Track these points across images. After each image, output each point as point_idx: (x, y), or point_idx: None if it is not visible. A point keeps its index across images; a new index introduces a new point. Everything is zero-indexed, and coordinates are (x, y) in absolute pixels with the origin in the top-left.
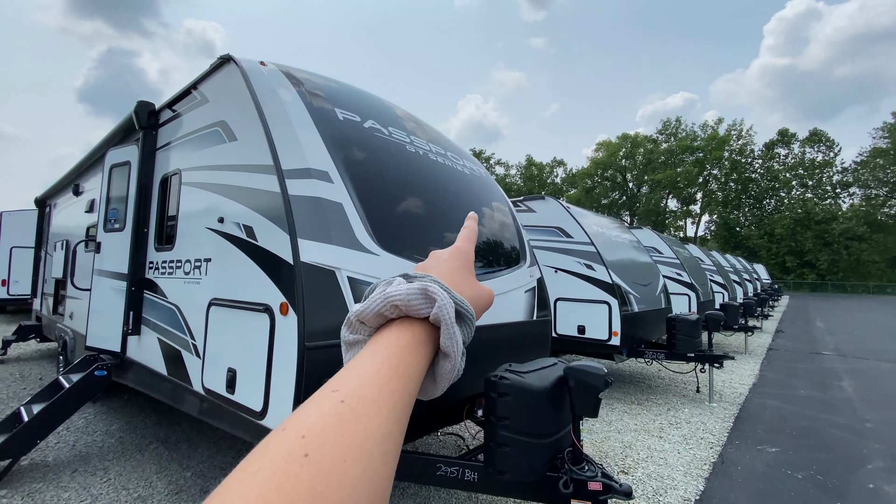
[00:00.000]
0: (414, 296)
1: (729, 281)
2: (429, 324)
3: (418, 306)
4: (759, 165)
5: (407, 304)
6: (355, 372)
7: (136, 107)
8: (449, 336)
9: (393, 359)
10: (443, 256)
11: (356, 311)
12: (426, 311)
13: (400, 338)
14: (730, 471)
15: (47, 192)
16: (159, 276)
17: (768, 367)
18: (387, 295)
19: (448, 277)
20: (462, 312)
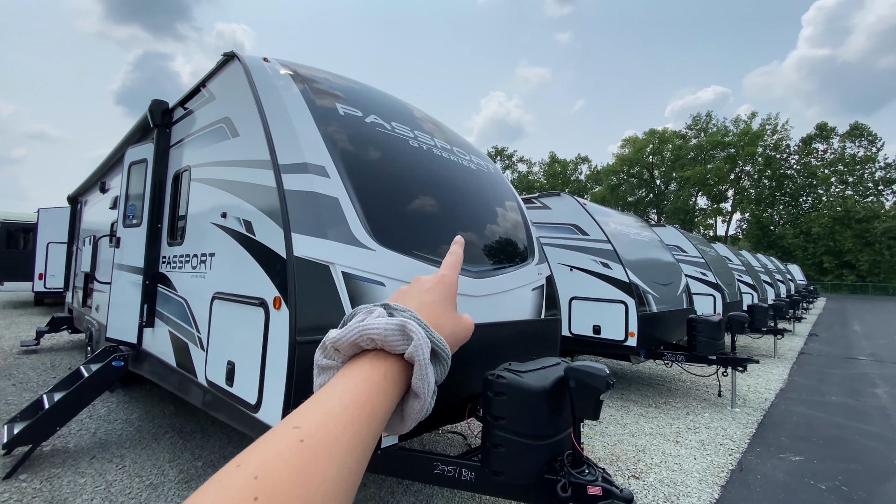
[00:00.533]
0: (391, 331)
1: (759, 281)
2: (403, 360)
3: (394, 342)
4: (795, 161)
5: (384, 339)
6: (321, 407)
7: (150, 105)
8: (421, 377)
9: (361, 396)
10: (426, 285)
11: (332, 339)
12: (402, 348)
13: (372, 374)
14: (748, 479)
15: (78, 190)
16: (171, 270)
17: (798, 372)
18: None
19: (429, 310)
20: (438, 352)
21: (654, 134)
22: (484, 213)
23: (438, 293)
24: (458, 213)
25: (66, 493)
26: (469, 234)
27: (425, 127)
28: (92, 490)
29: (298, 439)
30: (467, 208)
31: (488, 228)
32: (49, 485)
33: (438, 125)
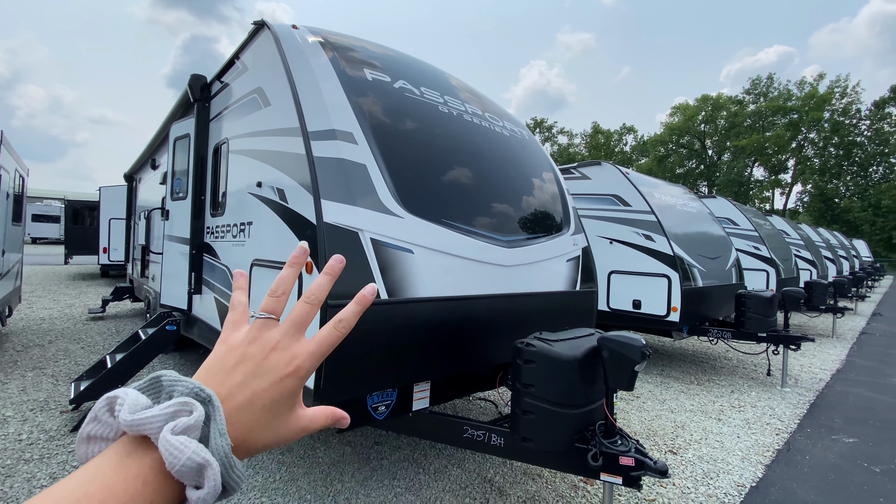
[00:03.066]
0: (188, 470)
1: (819, 257)
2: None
3: (184, 476)
4: (865, 128)
5: (177, 472)
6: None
7: (189, 80)
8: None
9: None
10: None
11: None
12: (188, 482)
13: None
14: (795, 459)
15: (132, 168)
16: (214, 240)
17: (858, 353)
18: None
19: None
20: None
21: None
22: (516, 181)
23: (279, 391)
24: (489, 181)
25: None
26: (500, 203)
27: (456, 92)
28: None
29: None
30: (498, 175)
31: (520, 196)
32: None
33: (470, 90)
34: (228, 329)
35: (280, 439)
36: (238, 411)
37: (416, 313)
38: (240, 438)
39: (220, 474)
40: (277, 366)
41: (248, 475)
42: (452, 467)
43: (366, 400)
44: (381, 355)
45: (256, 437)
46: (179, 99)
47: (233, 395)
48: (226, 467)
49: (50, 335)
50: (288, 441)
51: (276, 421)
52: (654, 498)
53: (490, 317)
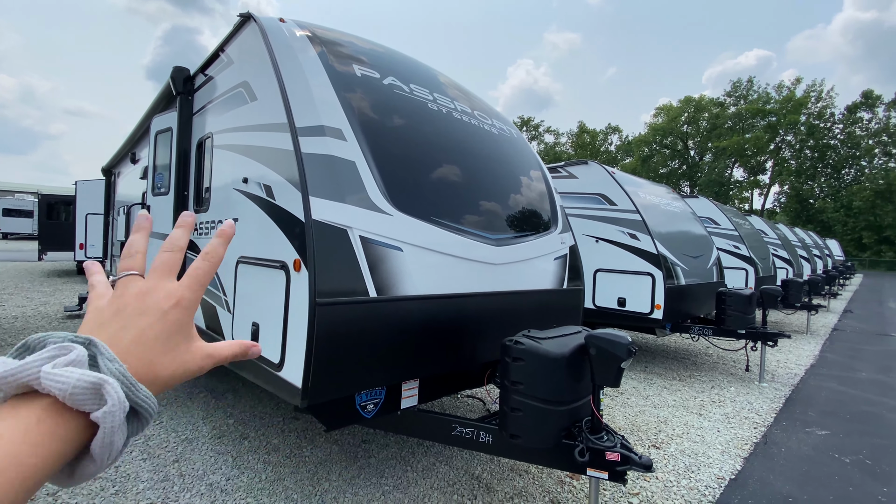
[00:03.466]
0: (81, 390)
1: (795, 256)
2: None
3: (82, 401)
4: (839, 131)
5: (71, 398)
6: None
7: (172, 73)
8: (103, 445)
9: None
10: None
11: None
12: (90, 408)
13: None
14: (772, 452)
15: (111, 161)
16: (198, 236)
17: (830, 348)
18: (48, 375)
19: (147, 349)
20: (139, 411)
21: (689, 102)
22: (505, 179)
23: (166, 324)
24: (478, 179)
25: None
26: (489, 201)
27: (445, 90)
28: (131, 443)
29: None
30: (487, 173)
31: (509, 195)
32: None
33: (460, 88)
34: (95, 300)
35: (187, 369)
36: (129, 348)
37: (405, 311)
38: (142, 372)
39: (123, 391)
40: (157, 303)
41: (234, 474)
42: (440, 464)
43: (354, 398)
44: (369, 354)
45: (160, 368)
46: (161, 92)
47: (117, 338)
48: (127, 386)
49: (24, 334)
50: (198, 370)
51: (175, 352)
52: (638, 492)
53: (479, 315)
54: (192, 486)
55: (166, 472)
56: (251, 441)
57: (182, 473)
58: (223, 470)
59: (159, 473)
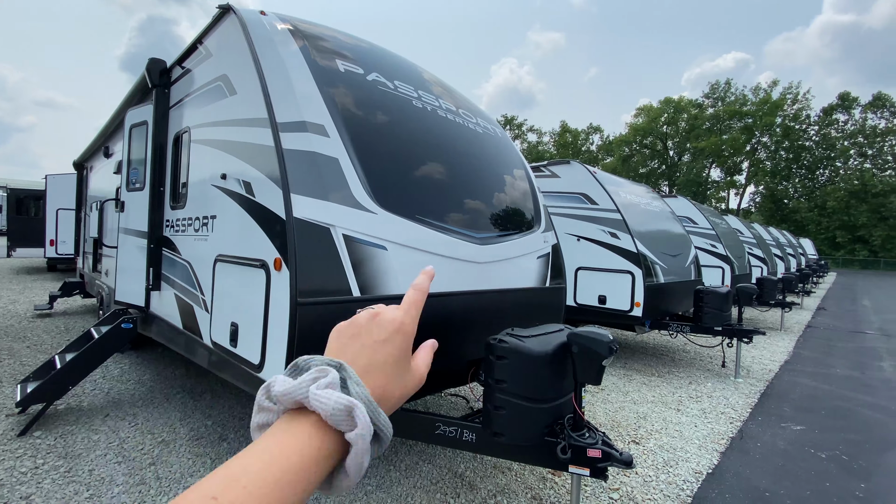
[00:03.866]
0: (340, 413)
1: (770, 255)
2: (341, 437)
3: (339, 423)
4: (814, 133)
5: (331, 418)
6: (243, 479)
7: (147, 64)
8: (356, 463)
9: (293, 468)
10: (379, 336)
11: (279, 391)
12: (345, 428)
13: (310, 444)
14: (748, 446)
15: (83, 155)
16: (174, 233)
17: (804, 345)
18: (314, 396)
19: (380, 373)
20: (380, 435)
21: (669, 103)
22: (489, 178)
23: (393, 349)
24: (463, 177)
25: (79, 448)
26: (474, 199)
27: (430, 87)
28: (105, 446)
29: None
30: (472, 172)
31: (493, 194)
32: (63, 441)
33: (444, 86)
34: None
35: (407, 390)
36: (367, 370)
37: None
38: (378, 394)
39: (368, 414)
40: (382, 326)
41: None
42: (423, 463)
43: None
44: None
45: (390, 390)
46: (136, 84)
47: (357, 357)
48: (371, 411)
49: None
50: (413, 390)
51: (401, 376)
52: (619, 487)
53: (463, 313)
54: (169, 490)
55: (142, 475)
56: (230, 443)
57: (159, 476)
58: (201, 472)
59: (135, 477)
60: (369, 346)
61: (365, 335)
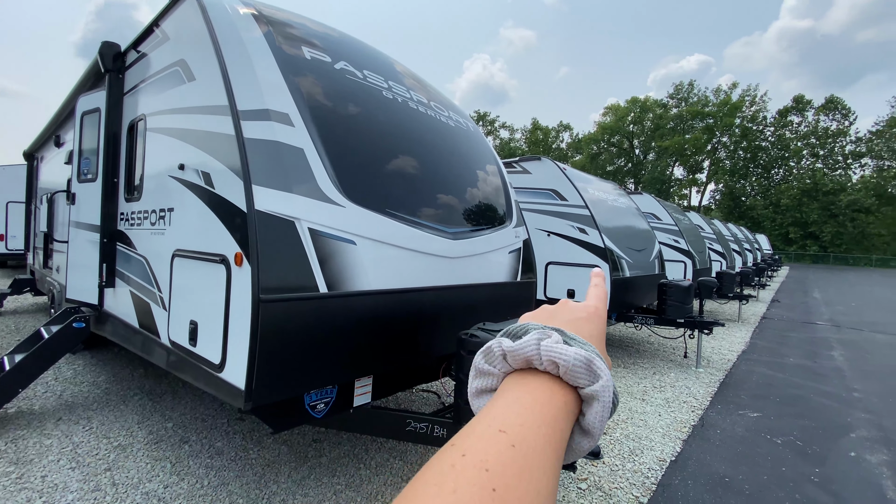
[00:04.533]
0: (579, 364)
1: (728, 250)
2: (575, 394)
3: (579, 376)
4: (770, 133)
5: (570, 369)
6: (517, 420)
7: (100, 48)
8: (600, 419)
9: (550, 421)
10: (581, 314)
11: (507, 346)
12: (584, 383)
13: (553, 399)
14: (708, 434)
15: (33, 145)
16: (129, 227)
17: (759, 336)
18: (548, 348)
19: (598, 346)
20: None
21: (636, 102)
22: (461, 173)
23: (596, 327)
24: (434, 171)
25: (31, 454)
26: (445, 194)
27: (401, 78)
28: (58, 451)
29: (510, 444)
30: (444, 166)
31: (465, 188)
32: (14, 446)
33: (416, 78)
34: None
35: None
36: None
37: (358, 307)
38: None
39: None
40: (578, 308)
41: (174, 481)
42: (394, 460)
43: (303, 398)
44: (319, 352)
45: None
46: (88, 69)
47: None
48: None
49: None
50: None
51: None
52: (586, 477)
53: (434, 309)
54: (126, 496)
55: (97, 481)
56: (192, 445)
57: (115, 482)
58: (161, 477)
59: (90, 483)
60: (572, 321)
61: (563, 314)
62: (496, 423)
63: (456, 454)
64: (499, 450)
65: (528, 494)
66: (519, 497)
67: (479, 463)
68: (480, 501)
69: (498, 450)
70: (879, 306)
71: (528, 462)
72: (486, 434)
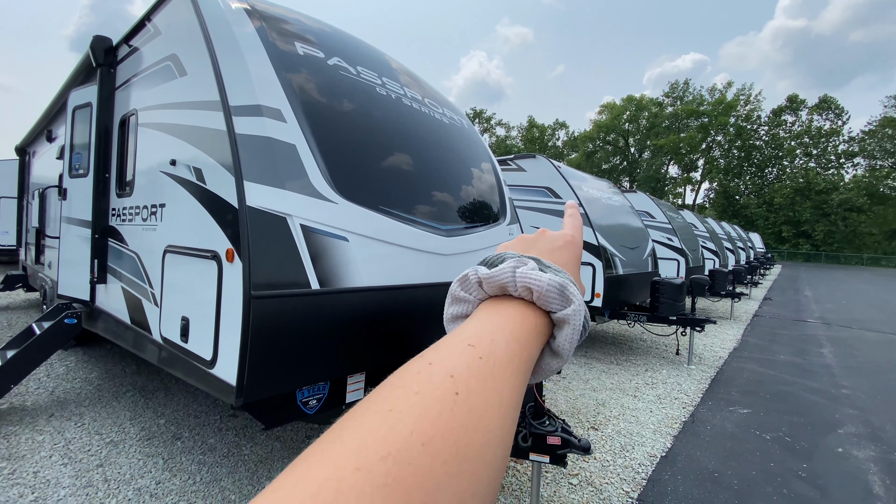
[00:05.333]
0: (552, 289)
1: (721, 248)
2: (549, 318)
3: (551, 301)
4: (764, 133)
5: (543, 294)
6: (487, 336)
7: (92, 42)
8: (570, 341)
9: (520, 339)
10: (557, 242)
11: (482, 274)
12: (557, 307)
13: (524, 321)
14: (699, 430)
15: (25, 140)
16: (121, 223)
17: (751, 333)
18: (523, 274)
19: (571, 273)
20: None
21: (631, 101)
22: (455, 169)
23: (571, 254)
24: (428, 168)
25: (23, 449)
26: (439, 191)
27: (395, 75)
28: (50, 447)
29: (477, 356)
30: (437, 163)
31: (459, 185)
32: (6, 442)
33: (410, 74)
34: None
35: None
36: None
37: (350, 304)
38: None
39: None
40: (555, 237)
41: (166, 477)
42: None
43: (295, 394)
44: (311, 348)
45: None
46: (80, 63)
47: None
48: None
49: None
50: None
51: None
52: (578, 472)
53: (427, 305)
54: (119, 492)
55: (89, 477)
56: (185, 441)
57: (107, 478)
58: (153, 473)
59: (82, 479)
60: (547, 250)
61: (540, 243)
62: (466, 339)
63: (423, 363)
64: (466, 361)
65: (490, 401)
66: (481, 403)
67: (445, 370)
68: (442, 402)
69: (465, 360)
70: (869, 304)
71: (493, 372)
72: (455, 347)
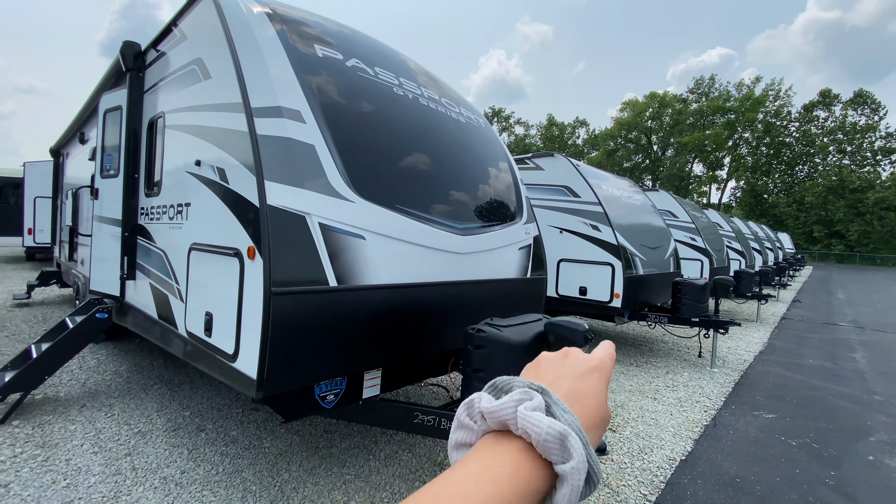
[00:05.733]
0: (552, 440)
1: (748, 248)
2: (549, 469)
3: (551, 451)
4: (795, 129)
5: (542, 444)
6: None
7: (121, 48)
8: (568, 500)
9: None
10: (580, 369)
11: (486, 407)
12: (556, 459)
13: (517, 475)
14: (721, 434)
15: (59, 142)
16: (149, 221)
17: (778, 336)
18: (523, 416)
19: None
20: (591, 475)
21: (654, 97)
22: (471, 168)
23: (594, 384)
24: (444, 167)
25: (56, 438)
26: (455, 190)
27: (412, 75)
28: (82, 436)
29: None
30: (454, 162)
31: (475, 184)
32: (41, 430)
33: (427, 74)
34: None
35: (603, 429)
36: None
37: (367, 301)
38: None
39: (582, 446)
40: (580, 361)
41: (190, 467)
42: (403, 452)
43: (313, 389)
44: (329, 343)
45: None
46: (110, 68)
47: (557, 384)
48: (583, 444)
49: None
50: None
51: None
52: None
53: (443, 304)
54: (146, 480)
55: (118, 465)
56: (208, 433)
57: (135, 467)
58: (178, 463)
59: (111, 467)
60: (569, 376)
61: (563, 367)
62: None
63: None
64: None
65: None
66: None
67: None
68: None
69: None
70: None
71: None
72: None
